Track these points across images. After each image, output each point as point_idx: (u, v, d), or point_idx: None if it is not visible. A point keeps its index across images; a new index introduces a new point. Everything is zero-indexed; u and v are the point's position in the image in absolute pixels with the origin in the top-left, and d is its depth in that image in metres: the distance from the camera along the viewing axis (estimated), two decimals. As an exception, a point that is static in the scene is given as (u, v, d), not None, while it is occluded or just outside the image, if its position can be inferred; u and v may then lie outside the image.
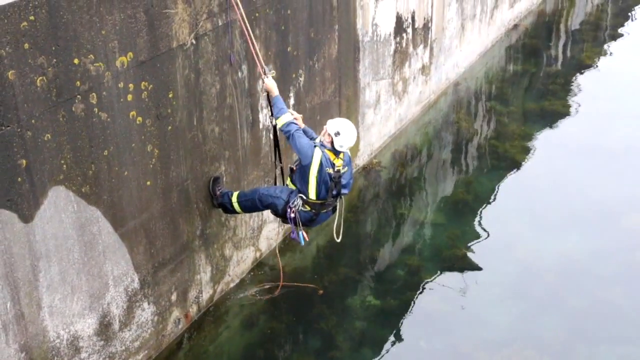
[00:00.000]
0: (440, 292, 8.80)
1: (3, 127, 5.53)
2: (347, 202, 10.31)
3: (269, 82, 7.49)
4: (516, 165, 11.44)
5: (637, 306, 8.53)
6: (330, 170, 7.32)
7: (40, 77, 5.72)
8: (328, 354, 7.98)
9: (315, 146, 7.28)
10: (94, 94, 6.22)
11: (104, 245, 6.71)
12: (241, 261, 8.76)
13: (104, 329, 6.91)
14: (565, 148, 11.92)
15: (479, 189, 10.85)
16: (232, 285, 8.65)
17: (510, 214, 10.22)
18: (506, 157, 11.72)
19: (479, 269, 9.18)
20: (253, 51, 7.60)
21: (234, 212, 7.95)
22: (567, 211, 10.19)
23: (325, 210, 7.59)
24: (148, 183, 7.05)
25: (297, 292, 8.64)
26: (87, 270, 6.58)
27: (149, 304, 7.40)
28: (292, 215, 7.47)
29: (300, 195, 7.45)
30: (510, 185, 10.92)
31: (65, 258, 6.33)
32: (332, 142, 7.34)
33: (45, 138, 5.88)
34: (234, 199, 7.80)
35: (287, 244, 9.42)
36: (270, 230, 9.19)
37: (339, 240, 7.87)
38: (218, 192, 7.83)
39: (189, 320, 8.05)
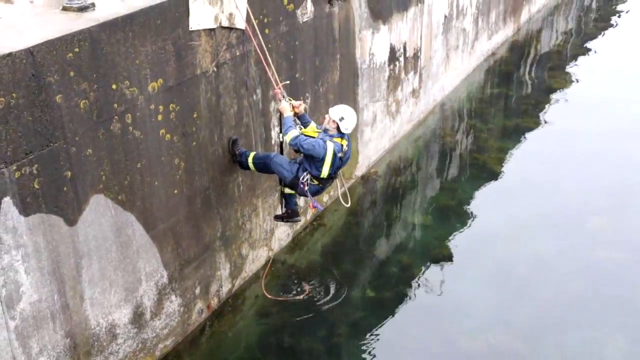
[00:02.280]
0: (428, 285, 8.76)
1: (51, 144, 5.55)
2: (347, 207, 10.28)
3: (284, 105, 7.40)
4: (494, 174, 11.38)
5: (598, 296, 8.47)
6: (341, 154, 7.29)
7: (83, 101, 5.74)
8: (331, 340, 7.94)
9: (325, 140, 7.16)
10: (129, 114, 6.23)
11: (138, 246, 6.70)
12: (256, 259, 8.72)
13: (137, 318, 6.90)
14: (536, 159, 11.84)
15: (462, 195, 10.79)
16: (247, 280, 8.61)
17: (489, 217, 10.15)
18: (485, 167, 11.65)
19: (462, 265, 9.12)
20: (272, 79, 7.52)
21: (248, 169, 7.80)
22: (537, 214, 10.12)
23: (330, 183, 7.55)
24: (175, 191, 7.05)
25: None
26: (122, 267, 6.57)
27: (176, 296, 7.39)
28: (306, 188, 7.40)
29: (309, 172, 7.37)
30: (489, 192, 10.86)
31: (104, 256, 6.33)
32: (337, 127, 7.27)
33: (87, 153, 5.89)
34: (250, 159, 7.66)
35: (298, 243, 9.38)
36: (281, 233, 9.15)
37: (348, 205, 7.86)
38: (237, 152, 7.70)
39: (210, 310, 8.02)
